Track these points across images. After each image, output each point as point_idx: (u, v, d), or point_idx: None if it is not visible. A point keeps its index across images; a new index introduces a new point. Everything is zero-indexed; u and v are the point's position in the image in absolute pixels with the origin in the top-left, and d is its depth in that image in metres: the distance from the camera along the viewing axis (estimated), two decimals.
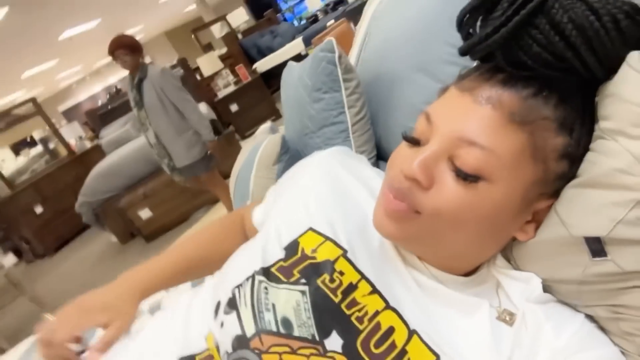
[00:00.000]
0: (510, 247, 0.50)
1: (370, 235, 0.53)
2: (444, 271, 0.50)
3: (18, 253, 5.26)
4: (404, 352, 0.44)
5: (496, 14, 0.42)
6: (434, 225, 0.45)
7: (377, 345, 0.44)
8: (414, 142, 0.49)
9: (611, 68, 0.40)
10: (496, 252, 0.51)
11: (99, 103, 7.58)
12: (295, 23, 8.79)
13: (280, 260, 0.50)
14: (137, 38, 2.61)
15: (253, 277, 0.49)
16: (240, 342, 0.46)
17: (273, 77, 5.06)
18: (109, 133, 4.74)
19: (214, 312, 0.52)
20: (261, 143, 0.92)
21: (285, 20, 8.93)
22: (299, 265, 0.49)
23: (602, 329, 0.44)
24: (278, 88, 1.07)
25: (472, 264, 0.51)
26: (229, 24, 7.55)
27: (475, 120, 0.44)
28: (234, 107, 4.83)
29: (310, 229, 0.53)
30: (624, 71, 0.39)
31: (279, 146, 0.88)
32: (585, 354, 0.42)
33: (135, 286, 0.64)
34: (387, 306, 0.47)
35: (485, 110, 0.44)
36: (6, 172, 5.43)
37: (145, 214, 3.70)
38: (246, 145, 1.07)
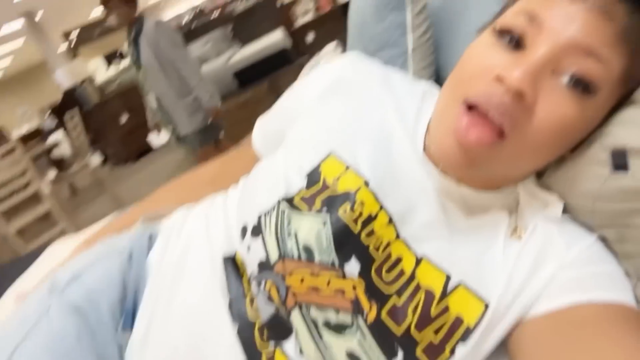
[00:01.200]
0: None
1: (394, 157, 0.53)
2: (478, 190, 0.50)
3: (104, 157, 5.79)
4: (412, 277, 0.47)
5: None
6: (517, 150, 0.43)
7: (388, 271, 0.47)
8: (515, 43, 0.43)
9: None
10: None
11: (183, 22, 7.78)
12: None
13: (302, 189, 0.51)
14: None
15: (278, 205, 0.51)
16: (265, 265, 0.50)
17: None
18: (191, 51, 4.88)
19: (240, 235, 0.54)
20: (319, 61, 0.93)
21: None
22: (320, 195, 0.50)
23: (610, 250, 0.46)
24: None
25: (515, 181, 0.51)
26: None
27: (591, 29, 0.41)
28: (310, 37, 4.77)
29: (332, 153, 0.53)
30: None
31: None
32: (593, 268, 0.43)
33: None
34: (397, 237, 0.49)
35: (602, 22, 0.41)
36: (98, 81, 5.85)
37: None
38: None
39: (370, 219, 0.48)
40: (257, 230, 0.51)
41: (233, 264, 0.54)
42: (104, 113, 5.41)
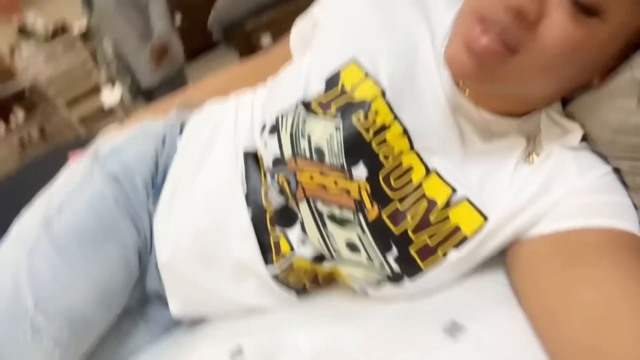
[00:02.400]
0: None
1: (417, 71, 0.53)
2: (498, 115, 0.51)
3: None
4: (419, 186, 0.50)
5: None
6: (527, 68, 0.42)
7: (396, 178, 0.50)
8: None
9: None
10: (567, 94, 0.50)
11: None
12: None
13: (320, 93, 0.53)
14: None
15: (295, 107, 0.53)
16: (279, 161, 0.54)
17: None
18: None
19: (260, 131, 0.58)
20: None
21: None
22: (337, 100, 0.52)
23: (622, 182, 0.46)
24: None
25: (534, 106, 0.51)
26: None
27: None
28: None
29: (353, 59, 0.54)
30: None
31: None
32: (603, 196, 0.45)
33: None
34: (411, 148, 0.51)
35: None
36: None
37: (266, 40, 3.85)
38: None
39: (383, 128, 0.50)
40: (274, 129, 0.54)
41: (254, 158, 0.59)
42: None
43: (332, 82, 0.53)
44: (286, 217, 0.55)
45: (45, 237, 0.56)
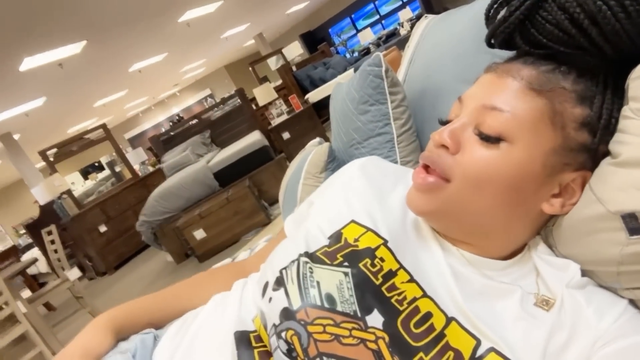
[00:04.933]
0: (550, 232, 0.51)
1: (408, 227, 0.56)
2: (479, 255, 0.51)
3: (81, 270, 5.58)
4: (442, 335, 0.46)
5: (514, 2, 0.48)
6: (461, 192, 0.49)
7: (417, 326, 0.46)
8: (447, 123, 0.53)
9: (621, 48, 0.43)
10: (530, 232, 0.52)
11: (162, 130, 8.06)
12: (348, 56, 9.00)
13: (324, 246, 0.54)
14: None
15: (298, 259, 0.53)
16: (287, 314, 0.49)
17: (324, 107, 5.20)
18: (170, 157, 5.02)
19: (262, 292, 0.55)
20: (310, 152, 0.97)
21: (338, 53, 9.16)
22: (342, 251, 0.52)
23: None
24: (328, 118, 1.12)
25: (506, 244, 0.52)
26: (284, 57, 7.86)
27: (496, 89, 0.50)
28: (286, 135, 4.98)
29: (353, 221, 0.56)
30: None
31: (326, 155, 0.92)
32: (627, 340, 0.41)
33: (106, 320, 0.64)
34: (425, 294, 0.49)
35: (505, 80, 0.49)
36: (75, 194, 5.84)
37: (199, 234, 3.85)
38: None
39: (391, 274, 0.50)
40: (279, 282, 0.52)
41: (244, 336, 0.54)
42: (82, 225, 5.33)
43: (334, 238, 0.55)
44: None
45: None
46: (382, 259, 0.51)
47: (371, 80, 0.87)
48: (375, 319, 0.47)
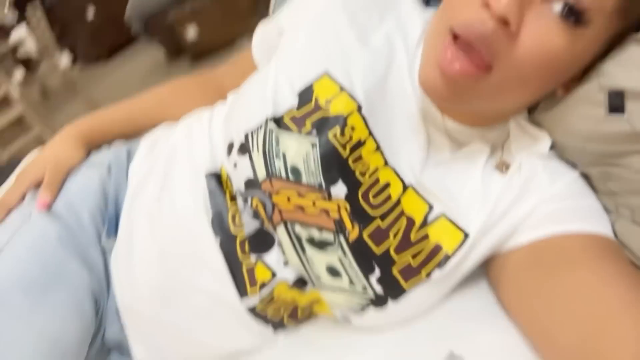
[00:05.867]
0: None
1: (390, 84, 0.52)
2: (463, 124, 0.50)
3: (74, 55, 5.46)
4: (397, 202, 0.48)
5: None
6: (502, 83, 0.42)
7: (375, 196, 0.48)
8: None
9: None
10: (533, 104, 0.51)
11: None
12: None
13: (292, 108, 0.50)
14: None
15: (265, 124, 0.50)
16: (252, 183, 0.50)
17: None
18: None
19: (227, 150, 0.54)
20: None
21: None
22: (311, 116, 0.49)
23: (592, 187, 0.47)
24: None
25: (501, 117, 0.51)
26: None
27: None
28: None
29: (326, 73, 0.51)
30: None
31: None
32: (574, 201, 0.45)
33: (77, 132, 0.64)
34: (386, 163, 0.49)
35: None
36: None
37: (192, 31, 3.68)
38: None
39: (359, 145, 0.49)
40: (244, 148, 0.51)
41: (217, 181, 0.55)
42: (68, 6, 5.00)
43: (305, 96, 0.50)
44: (262, 241, 0.51)
45: None
46: (352, 128, 0.48)
47: None
48: (339, 190, 0.48)
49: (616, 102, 0.40)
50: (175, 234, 0.54)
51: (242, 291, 0.51)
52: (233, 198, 0.53)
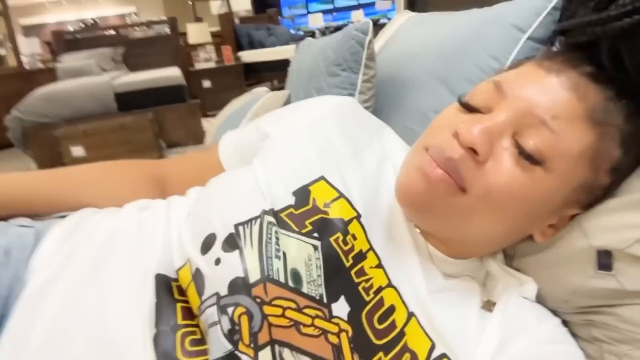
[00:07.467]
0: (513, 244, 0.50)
1: (381, 204, 0.49)
2: (444, 254, 0.48)
3: None
4: (402, 333, 0.42)
5: (620, 1, 0.39)
6: (474, 208, 0.42)
7: (380, 321, 0.42)
8: (472, 110, 0.44)
9: None
10: (508, 245, 0.50)
11: (66, 30, 7.13)
12: (293, 32, 8.83)
13: (290, 206, 0.45)
14: None
15: (262, 217, 0.43)
16: (239, 286, 0.40)
17: (254, 71, 5.02)
18: (70, 61, 4.45)
19: (201, 246, 0.44)
20: (259, 97, 0.89)
21: (283, 25, 8.94)
22: (311, 217, 0.44)
23: (572, 333, 0.46)
24: (255, 83, 1.05)
25: (477, 252, 0.49)
26: (229, 5, 7.44)
27: (555, 101, 0.41)
28: (206, 84, 4.71)
29: (323, 178, 0.47)
30: None
31: (284, 102, 0.85)
32: (559, 346, 0.43)
33: None
34: (389, 284, 0.44)
35: (569, 96, 0.41)
36: None
37: (77, 151, 3.46)
38: (211, 121, 1.02)
39: (361, 256, 0.44)
40: (232, 243, 0.42)
41: (166, 284, 0.44)
42: None
43: (301, 195, 0.46)
44: None
45: None
46: (354, 236, 0.44)
47: (352, 45, 0.82)
48: (341, 307, 0.41)
49: (604, 262, 0.41)
50: (98, 348, 0.39)
51: None
52: (190, 313, 0.42)
